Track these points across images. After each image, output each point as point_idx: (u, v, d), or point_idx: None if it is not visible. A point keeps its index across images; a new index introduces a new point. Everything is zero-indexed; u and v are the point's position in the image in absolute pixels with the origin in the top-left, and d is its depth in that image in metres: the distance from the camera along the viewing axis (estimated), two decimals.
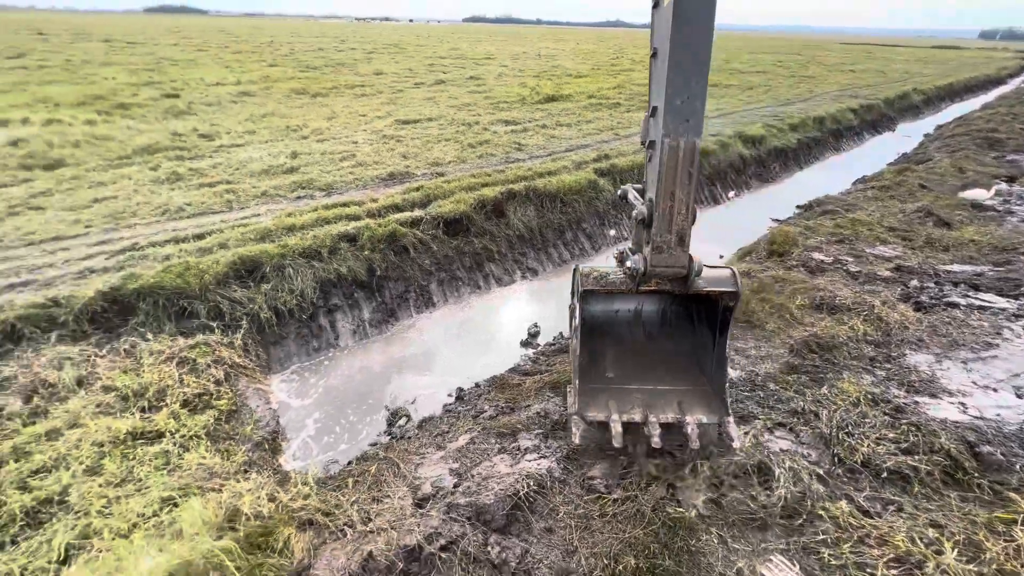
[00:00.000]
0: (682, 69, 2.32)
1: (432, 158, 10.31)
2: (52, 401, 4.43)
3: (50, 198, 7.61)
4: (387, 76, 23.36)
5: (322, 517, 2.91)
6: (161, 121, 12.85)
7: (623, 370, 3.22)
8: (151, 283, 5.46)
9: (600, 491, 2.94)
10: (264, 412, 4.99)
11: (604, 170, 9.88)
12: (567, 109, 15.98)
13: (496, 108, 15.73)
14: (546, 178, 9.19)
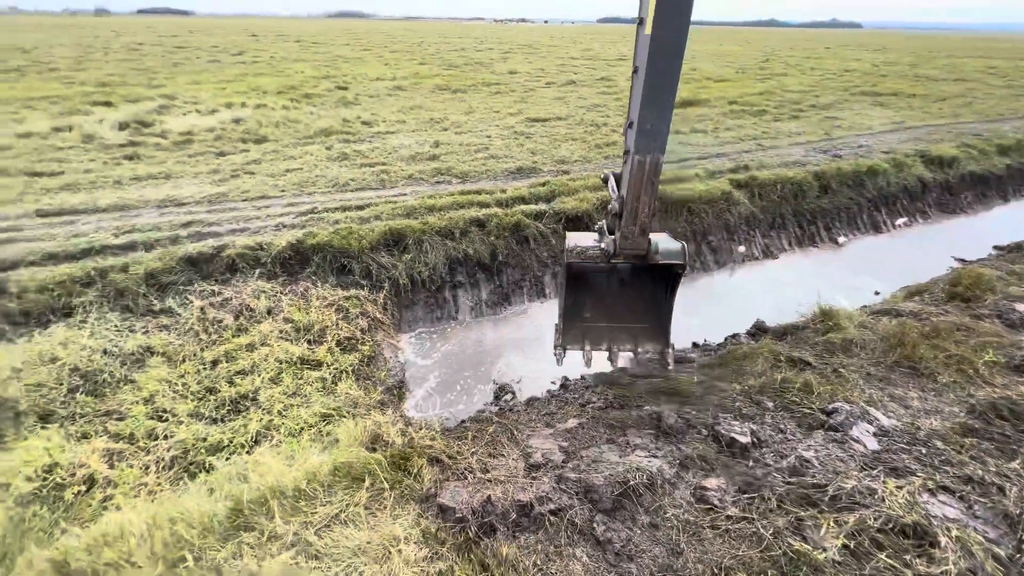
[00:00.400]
0: (653, 100, 2.97)
1: (559, 156, 10.60)
2: (251, 322, 5.68)
3: (258, 166, 9.60)
4: (520, 75, 24.38)
5: (447, 458, 3.33)
6: (334, 109, 15.21)
7: (596, 312, 4.25)
8: (323, 241, 6.62)
9: (714, 503, 2.87)
10: (394, 363, 5.77)
11: (742, 182, 9.16)
12: (703, 115, 15.05)
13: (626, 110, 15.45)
14: (674, 184, 8.85)
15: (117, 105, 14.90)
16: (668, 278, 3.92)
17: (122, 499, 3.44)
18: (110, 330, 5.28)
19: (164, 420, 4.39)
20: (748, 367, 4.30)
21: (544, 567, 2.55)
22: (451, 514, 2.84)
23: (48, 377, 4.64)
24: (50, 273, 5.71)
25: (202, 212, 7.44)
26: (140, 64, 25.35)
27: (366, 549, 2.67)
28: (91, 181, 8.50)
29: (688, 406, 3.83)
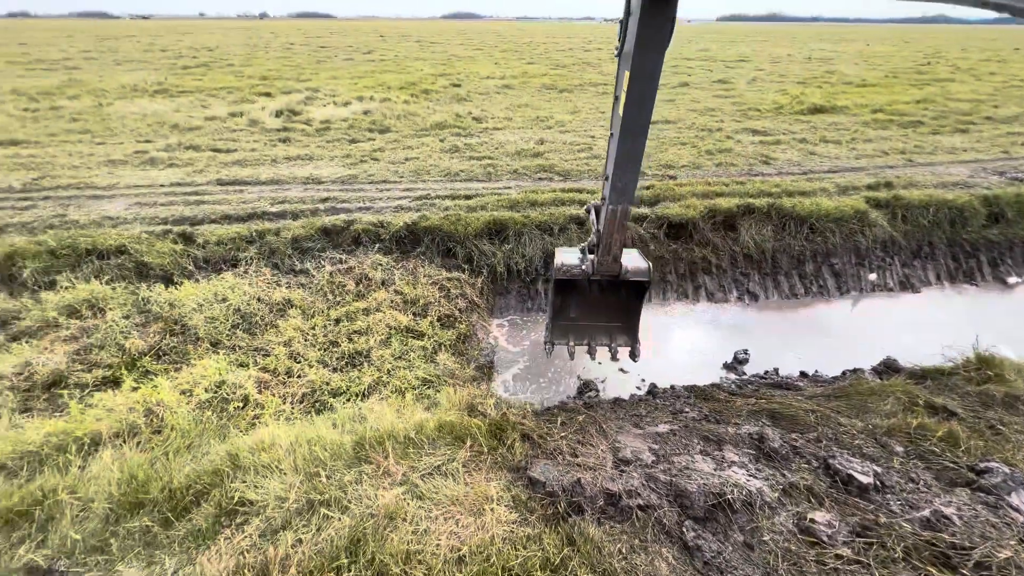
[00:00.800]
0: (623, 166, 3.80)
1: (665, 160, 10.23)
2: (369, 289, 6.42)
3: (382, 153, 10.70)
4: None
5: (537, 437, 3.50)
6: (448, 105, 16.28)
7: (579, 314, 5.07)
8: (434, 225, 7.21)
9: (821, 538, 2.67)
10: (486, 344, 6.12)
11: (882, 201, 8.05)
12: (838, 124, 13.40)
13: (744, 116, 14.35)
14: (796, 198, 8.07)
15: (274, 96, 17.55)
16: (637, 289, 4.71)
17: (269, 419, 4.16)
18: (263, 282, 6.34)
19: (298, 362, 5.19)
20: (874, 405, 3.84)
21: (628, 557, 2.60)
22: (541, 487, 3.01)
23: (219, 313, 5.74)
24: (225, 231, 7.01)
25: (336, 190, 8.53)
26: (292, 61, 29.47)
27: (462, 501, 2.94)
28: (255, 158, 10.18)
29: (795, 433, 3.56)
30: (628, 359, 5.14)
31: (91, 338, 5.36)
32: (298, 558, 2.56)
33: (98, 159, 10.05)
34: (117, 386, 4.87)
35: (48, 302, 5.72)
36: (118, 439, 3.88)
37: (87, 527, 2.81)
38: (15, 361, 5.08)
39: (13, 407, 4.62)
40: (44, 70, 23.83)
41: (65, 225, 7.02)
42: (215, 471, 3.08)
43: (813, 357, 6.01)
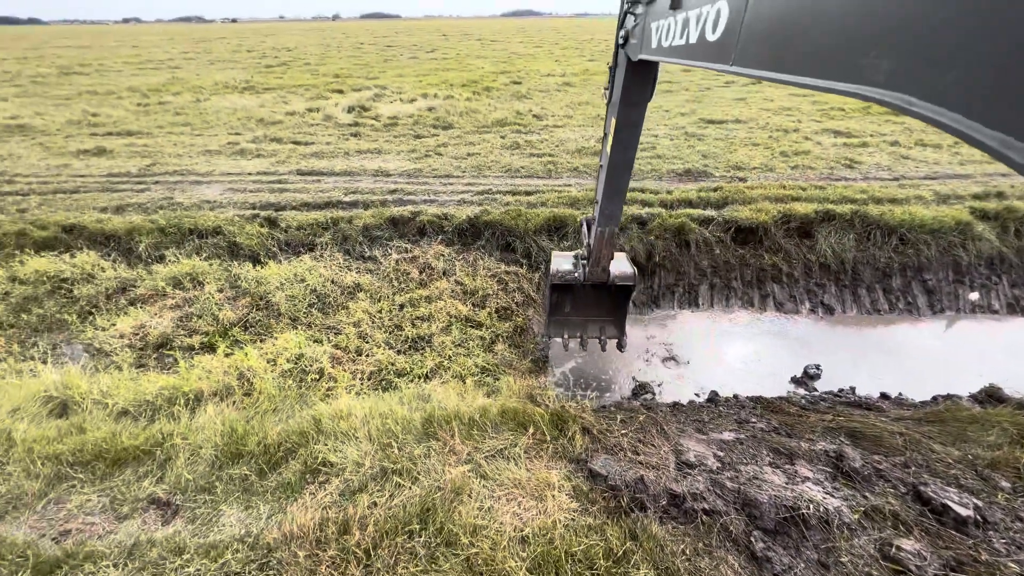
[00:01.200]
0: (610, 196, 4.28)
1: (734, 161, 9.76)
2: (431, 278, 6.70)
3: (445, 148, 11.05)
4: (694, 74, 22.82)
5: (597, 432, 3.53)
6: (508, 102, 16.46)
7: (573, 311, 5.64)
8: (495, 219, 7.38)
9: (908, 568, 2.49)
10: (542, 339, 6.19)
11: (991, 213, 7.20)
12: None
13: (825, 116, 13.33)
14: (885, 206, 7.42)
15: (346, 93, 18.62)
16: (624, 291, 5.28)
17: (343, 391, 4.50)
18: (336, 265, 6.81)
19: (366, 342, 5.54)
20: (975, 435, 3.48)
21: (692, 559, 2.57)
22: (602, 480, 3.04)
23: (298, 292, 6.24)
24: (304, 217, 7.59)
25: (403, 183, 8.94)
26: (361, 60, 31.05)
27: (524, 484, 3.04)
28: (330, 151, 10.90)
29: (878, 455, 3.32)
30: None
31: (192, 307, 6.03)
32: (374, 519, 2.76)
33: (197, 149, 11.20)
34: (212, 351, 5.46)
35: (158, 273, 6.49)
36: (215, 397, 4.36)
37: (197, 469, 3.20)
38: (131, 322, 5.84)
39: (130, 362, 5.32)
40: (152, 69, 26.80)
41: (172, 207, 7.92)
42: (302, 432, 3.39)
43: (897, 379, 5.53)
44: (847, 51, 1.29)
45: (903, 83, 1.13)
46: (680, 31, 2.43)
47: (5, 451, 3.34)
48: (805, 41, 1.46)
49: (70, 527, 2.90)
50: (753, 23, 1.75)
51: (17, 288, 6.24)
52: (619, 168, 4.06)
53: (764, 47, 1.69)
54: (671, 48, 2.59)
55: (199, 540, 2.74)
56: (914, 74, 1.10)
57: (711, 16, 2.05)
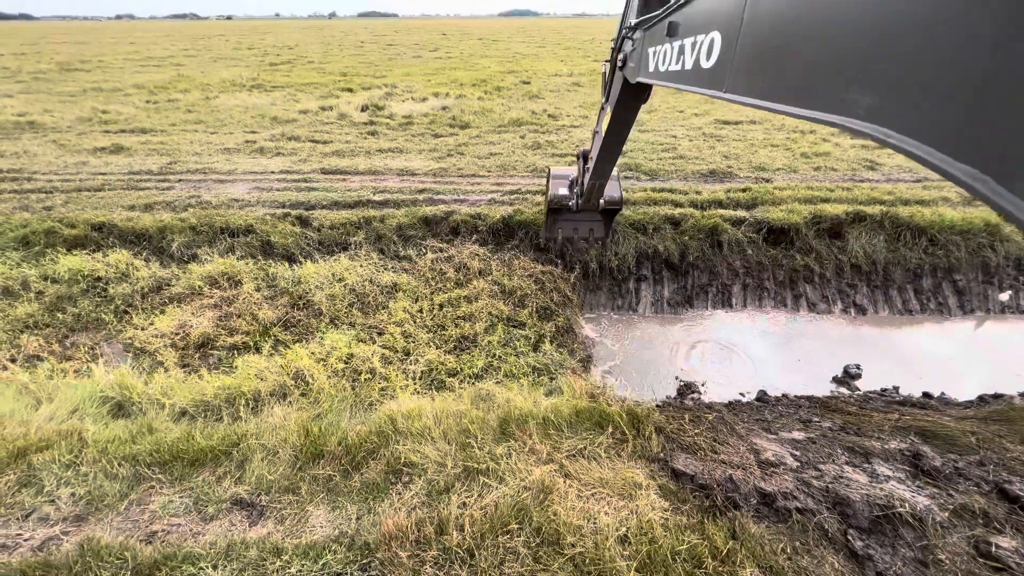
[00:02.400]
0: (602, 161, 5.18)
1: (756, 162, 9.83)
2: (467, 278, 6.69)
3: (466, 148, 11.03)
4: None
5: (671, 431, 3.54)
6: (521, 101, 16.47)
7: (567, 222, 6.99)
8: (529, 218, 7.38)
9: (1008, 565, 2.53)
10: (583, 338, 6.20)
11: None
12: None
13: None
14: (913, 207, 7.51)
15: (355, 91, 18.52)
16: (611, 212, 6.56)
17: (399, 391, 4.48)
18: (373, 265, 6.78)
19: (411, 342, 5.52)
20: None
21: (792, 558, 2.59)
22: (688, 479, 3.05)
23: (337, 292, 6.21)
24: (336, 216, 7.55)
25: (430, 182, 8.92)
26: (365, 59, 30.92)
27: (610, 483, 3.05)
28: (351, 150, 10.84)
29: (952, 453, 3.37)
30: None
31: (231, 307, 5.98)
32: (469, 518, 2.76)
33: (215, 147, 11.10)
34: (256, 351, 5.42)
35: (194, 272, 6.43)
36: (272, 397, 4.33)
37: (277, 470, 3.18)
38: (171, 322, 5.78)
39: (175, 361, 5.26)
40: (155, 66, 26.51)
41: (200, 205, 7.84)
42: (380, 432, 3.38)
43: (936, 378, 5.60)
44: (830, 84, 1.36)
45: (881, 117, 1.21)
46: (676, 58, 2.55)
47: (78, 452, 3.30)
48: (792, 73, 1.55)
49: (156, 528, 2.87)
50: (744, 53, 1.84)
51: (51, 287, 6.16)
52: (613, 145, 4.79)
53: (755, 76, 1.78)
54: (667, 73, 2.72)
55: (294, 541, 2.72)
56: (891, 109, 1.19)
57: (705, 45, 2.16)
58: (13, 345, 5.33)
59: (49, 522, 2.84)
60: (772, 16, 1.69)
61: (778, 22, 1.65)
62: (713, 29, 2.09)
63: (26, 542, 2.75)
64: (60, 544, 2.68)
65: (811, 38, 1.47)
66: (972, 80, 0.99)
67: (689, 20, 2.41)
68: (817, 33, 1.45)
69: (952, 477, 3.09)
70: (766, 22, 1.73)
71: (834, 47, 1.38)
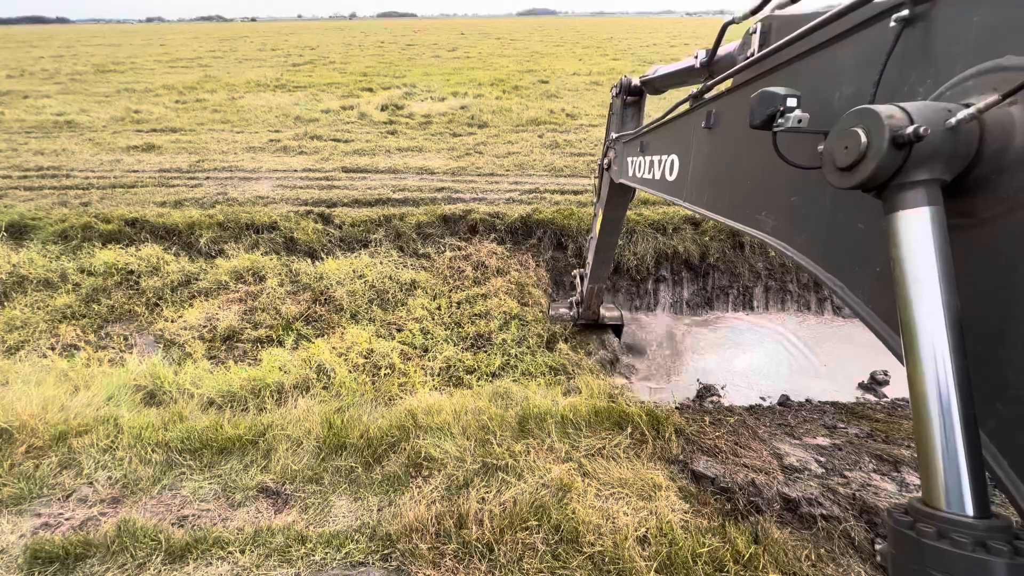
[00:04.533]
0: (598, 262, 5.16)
1: None
2: (485, 276, 6.73)
3: (485, 147, 11.08)
4: None
5: (691, 433, 3.50)
6: (539, 101, 16.45)
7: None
8: (547, 218, 7.37)
9: None
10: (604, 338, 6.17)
11: None
12: None
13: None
14: None
15: (375, 91, 18.78)
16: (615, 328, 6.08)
17: (419, 386, 4.54)
18: (392, 262, 6.87)
19: (430, 339, 5.58)
20: None
21: (817, 565, 2.54)
22: (709, 482, 3.02)
23: (358, 288, 6.32)
24: (357, 213, 7.67)
25: (449, 181, 8.99)
26: (385, 59, 31.30)
27: (630, 484, 3.03)
28: (371, 148, 11.00)
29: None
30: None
31: (256, 301, 6.14)
32: (488, 513, 2.78)
33: (240, 146, 11.40)
34: (279, 345, 5.56)
35: (220, 267, 6.62)
36: (296, 390, 4.44)
37: (302, 460, 3.26)
38: (198, 315, 5.97)
39: (202, 353, 5.44)
40: (183, 67, 27.34)
41: (227, 202, 8.07)
42: (400, 426, 3.43)
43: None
44: (749, 207, 1.86)
45: (781, 234, 1.69)
46: (648, 168, 3.11)
47: (114, 437, 3.45)
48: (726, 195, 2.06)
49: (187, 512, 2.98)
50: (695, 175, 2.37)
51: (87, 280, 6.42)
52: (607, 247, 5.03)
53: (702, 193, 2.29)
54: (642, 179, 3.25)
55: (318, 529, 2.79)
56: (785, 230, 1.67)
57: (668, 163, 2.70)
58: (53, 334, 5.58)
59: (88, 503, 2.98)
60: (709, 155, 2.20)
61: (714, 159, 2.16)
62: (672, 153, 2.63)
63: (67, 521, 2.89)
64: (99, 524, 2.80)
65: (735, 174, 1.98)
66: (827, 217, 1.46)
67: (655, 142, 3.00)
68: (738, 171, 1.96)
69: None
70: (707, 158, 2.23)
71: (749, 183, 1.87)
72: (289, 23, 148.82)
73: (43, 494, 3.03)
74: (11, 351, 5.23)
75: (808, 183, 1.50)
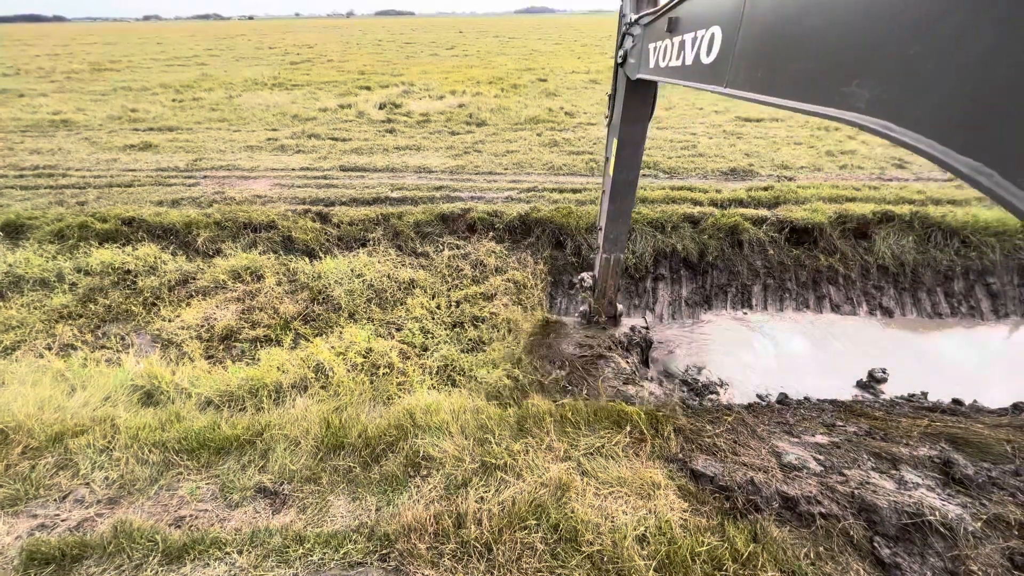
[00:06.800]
0: (615, 219, 4.30)
1: (779, 160, 9.61)
2: (484, 275, 6.71)
3: (483, 145, 11.05)
4: None
5: (690, 432, 3.50)
6: (538, 99, 16.41)
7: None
8: (545, 216, 7.36)
9: None
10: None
11: None
12: None
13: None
14: (945, 207, 7.25)
15: (373, 89, 18.71)
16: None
17: (417, 385, 4.53)
18: (391, 261, 6.85)
19: (429, 338, 5.57)
20: None
21: (816, 563, 2.54)
22: (707, 481, 3.02)
23: (356, 287, 6.30)
24: (355, 212, 7.65)
25: (447, 179, 8.97)
26: (383, 57, 31.19)
27: (629, 482, 3.03)
28: (369, 147, 10.97)
29: (986, 462, 3.25)
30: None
31: (254, 300, 6.12)
32: (486, 513, 2.78)
33: (238, 144, 11.36)
34: (277, 344, 5.54)
35: (218, 266, 6.59)
36: (294, 389, 4.42)
37: (299, 460, 3.25)
38: (196, 314, 5.94)
39: (200, 353, 5.42)
40: (180, 66, 27.22)
41: (225, 201, 8.04)
42: (399, 426, 3.42)
43: (966, 384, 5.40)
44: (832, 78, 1.35)
45: (882, 110, 1.19)
46: (676, 53, 2.52)
47: (111, 437, 3.43)
48: (793, 67, 1.54)
49: (184, 513, 2.96)
50: (745, 48, 1.83)
51: (84, 279, 6.39)
52: (623, 189, 4.06)
53: (755, 71, 1.78)
54: (668, 69, 2.67)
55: (316, 529, 2.78)
56: (893, 102, 1.16)
57: (706, 40, 2.14)
58: (49, 334, 5.56)
59: (84, 504, 2.96)
60: (773, 10, 1.67)
61: (779, 16, 1.63)
62: (713, 24, 2.07)
63: (63, 522, 2.87)
64: (95, 525, 2.79)
65: (813, 32, 1.45)
66: (975, 73, 0.96)
67: (689, 16, 2.38)
68: (819, 27, 1.42)
69: (985, 486, 2.98)
70: (767, 16, 1.71)
71: (836, 41, 1.35)
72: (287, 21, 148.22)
73: (39, 495, 3.01)
74: (7, 351, 5.21)
75: (946, 22, 1.01)
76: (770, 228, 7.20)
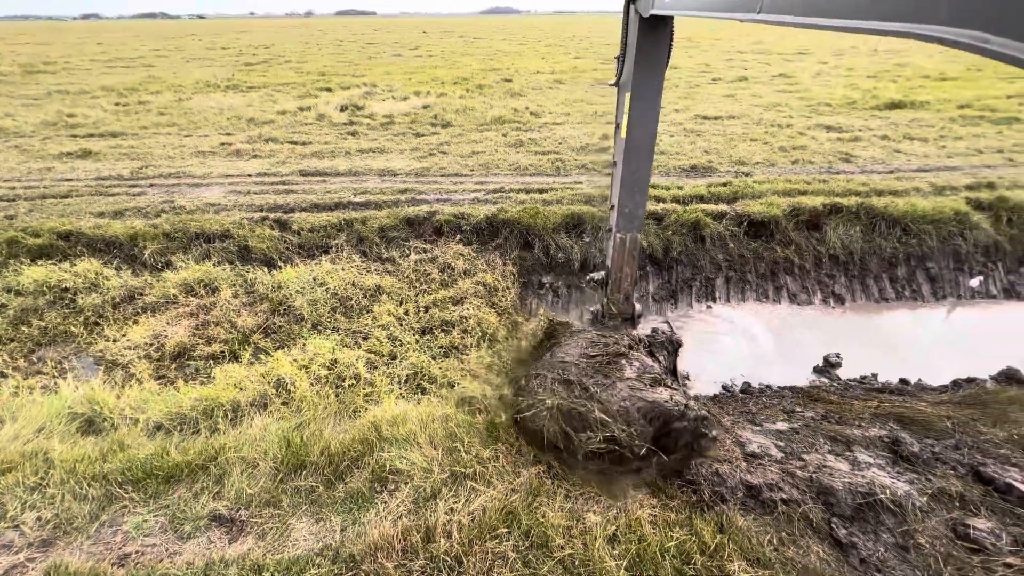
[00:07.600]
0: (630, 189, 3.71)
1: (736, 157, 9.95)
2: (452, 278, 6.61)
3: (448, 147, 10.93)
4: (682, 71, 23.14)
5: None
6: (503, 99, 16.39)
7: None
8: (513, 217, 7.33)
9: (984, 546, 2.59)
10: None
11: (984, 203, 7.55)
12: (921, 120, 12.60)
13: (814, 111, 13.72)
14: (887, 198, 7.69)
15: (334, 91, 18.19)
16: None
17: (385, 395, 4.40)
18: (355, 267, 6.65)
19: (397, 345, 5.43)
20: (1016, 415, 3.65)
21: (779, 549, 2.61)
22: (675, 475, 3.06)
23: (319, 296, 6.08)
24: (316, 218, 7.38)
25: (412, 182, 8.80)
26: (344, 58, 30.39)
27: (598, 483, 3.03)
28: (330, 151, 10.64)
29: (930, 438, 3.44)
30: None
31: (209, 315, 5.80)
32: (456, 524, 2.71)
33: (189, 150, 10.77)
34: (235, 360, 5.27)
35: (168, 280, 6.22)
36: (253, 407, 4.21)
37: (258, 483, 3.08)
38: (144, 332, 5.58)
39: (150, 373, 5.08)
40: (124, 68, 25.63)
41: (174, 210, 7.59)
42: (363, 440, 3.30)
43: (912, 364, 5.75)
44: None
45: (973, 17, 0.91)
46: None
47: (44, 473, 3.15)
48: None
49: (129, 550, 2.75)
50: None
51: (14, 300, 5.89)
52: (638, 153, 3.46)
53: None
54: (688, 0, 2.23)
55: (276, 556, 2.64)
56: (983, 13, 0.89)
57: None
58: None
59: (13, 549, 2.70)
60: None
61: None
62: None
63: None
64: (25, 573, 2.54)
65: None
66: None
67: None
68: None
69: (930, 462, 3.16)
70: None
71: None
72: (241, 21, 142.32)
73: None
74: None
75: None
76: (730, 222, 7.43)
